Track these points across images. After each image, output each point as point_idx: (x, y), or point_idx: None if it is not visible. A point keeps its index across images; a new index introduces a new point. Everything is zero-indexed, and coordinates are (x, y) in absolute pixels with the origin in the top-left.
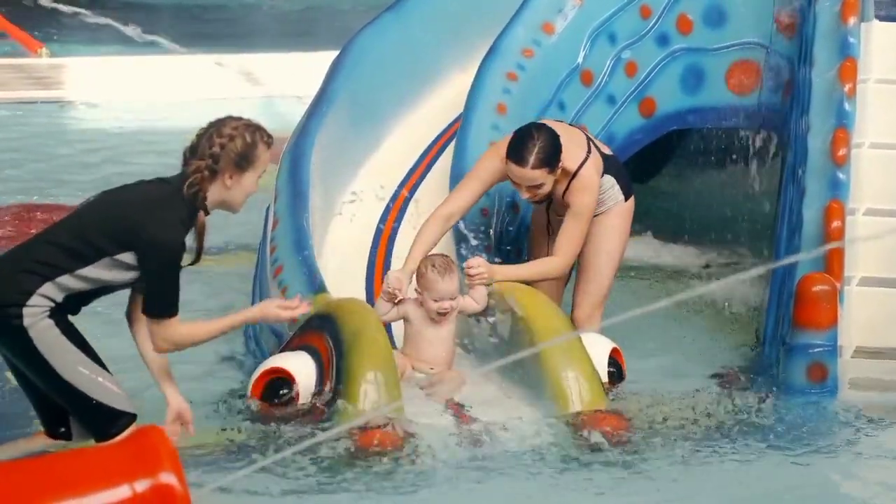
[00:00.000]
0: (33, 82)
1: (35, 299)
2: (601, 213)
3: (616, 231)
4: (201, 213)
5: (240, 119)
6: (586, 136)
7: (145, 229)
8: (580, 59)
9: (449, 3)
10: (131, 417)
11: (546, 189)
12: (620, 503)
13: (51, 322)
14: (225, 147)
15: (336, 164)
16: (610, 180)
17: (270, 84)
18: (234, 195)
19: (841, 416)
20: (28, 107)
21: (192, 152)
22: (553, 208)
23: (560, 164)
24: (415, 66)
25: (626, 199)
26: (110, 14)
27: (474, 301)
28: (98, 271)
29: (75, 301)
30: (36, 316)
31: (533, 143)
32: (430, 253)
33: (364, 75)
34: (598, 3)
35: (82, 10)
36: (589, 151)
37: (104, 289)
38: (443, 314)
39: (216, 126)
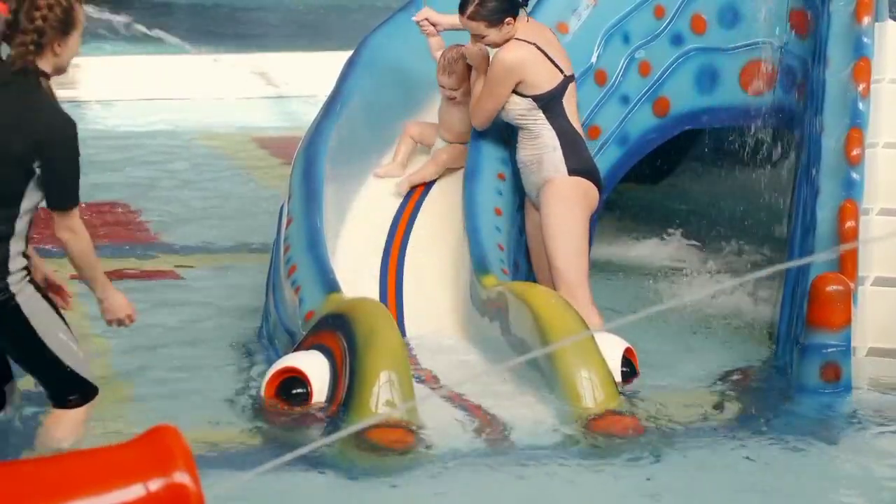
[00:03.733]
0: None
1: (13, 263)
2: (543, 186)
3: (556, 206)
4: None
5: None
6: (564, 76)
7: (42, 131)
8: (594, 59)
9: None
10: (96, 390)
11: (491, 40)
12: (632, 500)
13: (32, 287)
14: (47, 18)
15: (350, 164)
16: (553, 140)
17: (284, 84)
18: (63, 60)
19: (854, 416)
20: None
21: (10, 27)
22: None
23: (507, 22)
24: (429, 66)
25: (571, 174)
26: (125, 13)
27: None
28: (31, 195)
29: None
30: (20, 283)
31: None
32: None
33: (378, 75)
34: (612, 3)
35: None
36: (541, 52)
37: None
38: (450, 98)
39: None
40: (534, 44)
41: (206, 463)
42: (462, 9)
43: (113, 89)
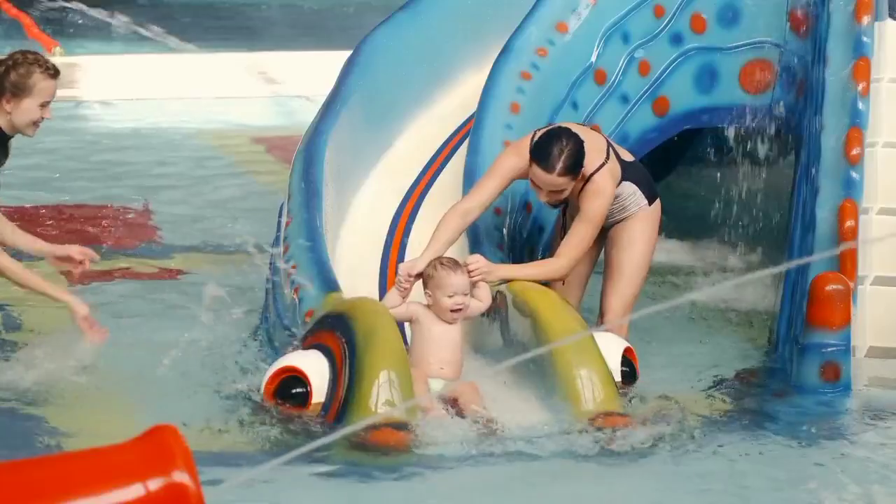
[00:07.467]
0: None
1: None
2: (625, 218)
3: (642, 235)
4: None
5: (25, 52)
6: (607, 141)
7: None
8: (594, 59)
9: (463, 1)
10: None
11: (566, 195)
12: (629, 498)
13: None
14: (0, 76)
15: (349, 164)
16: (631, 187)
17: (283, 83)
18: (16, 120)
19: (854, 416)
20: None
21: None
22: (569, 212)
23: (582, 170)
24: (428, 65)
25: (651, 203)
26: (124, 12)
27: (479, 300)
28: None
29: None
30: None
31: (561, 148)
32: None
33: (378, 74)
34: (611, 3)
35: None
36: (607, 158)
37: None
38: (457, 310)
39: (4, 59)
40: (602, 162)
41: (206, 463)
42: (550, 166)
43: (113, 89)
